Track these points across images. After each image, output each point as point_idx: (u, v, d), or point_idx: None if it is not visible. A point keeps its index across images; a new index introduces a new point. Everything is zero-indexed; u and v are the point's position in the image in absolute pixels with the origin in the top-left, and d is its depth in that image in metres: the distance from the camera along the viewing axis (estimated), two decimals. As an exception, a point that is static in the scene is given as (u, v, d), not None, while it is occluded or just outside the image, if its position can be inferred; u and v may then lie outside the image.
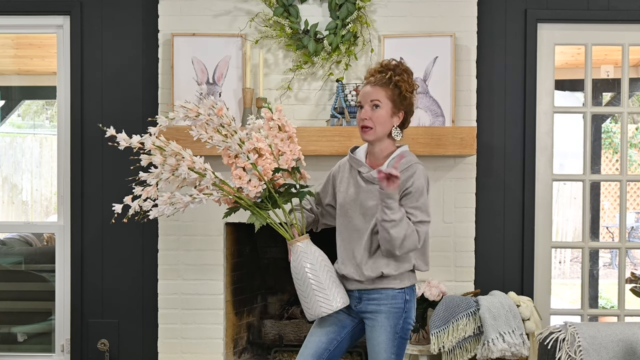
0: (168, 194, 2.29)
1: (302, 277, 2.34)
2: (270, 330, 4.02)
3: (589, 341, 2.63)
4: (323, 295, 2.33)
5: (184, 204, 2.30)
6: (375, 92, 2.40)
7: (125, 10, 3.87)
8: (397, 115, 2.43)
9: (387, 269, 2.38)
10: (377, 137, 2.43)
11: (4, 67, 4.96)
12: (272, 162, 2.35)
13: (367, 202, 2.41)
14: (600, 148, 5.48)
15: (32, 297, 4.34)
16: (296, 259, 2.36)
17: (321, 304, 2.33)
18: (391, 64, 2.44)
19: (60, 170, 3.96)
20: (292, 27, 3.63)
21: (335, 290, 2.35)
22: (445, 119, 3.61)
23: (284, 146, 2.38)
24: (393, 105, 2.41)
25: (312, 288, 2.33)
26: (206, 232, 3.70)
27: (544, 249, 3.89)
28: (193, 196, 2.29)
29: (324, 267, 2.36)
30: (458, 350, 3.40)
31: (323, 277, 2.33)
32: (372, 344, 2.43)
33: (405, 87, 2.40)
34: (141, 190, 2.29)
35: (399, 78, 2.40)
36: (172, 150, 2.28)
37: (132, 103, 3.86)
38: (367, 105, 2.41)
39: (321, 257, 2.37)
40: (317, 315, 2.36)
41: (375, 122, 2.40)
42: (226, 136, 2.32)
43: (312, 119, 3.69)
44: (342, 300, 2.36)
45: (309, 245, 2.38)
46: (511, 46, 3.83)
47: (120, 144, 2.30)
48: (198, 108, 2.29)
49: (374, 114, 2.40)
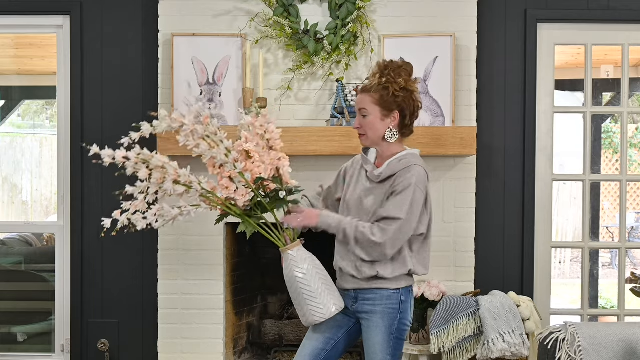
0: (157, 206, 2.27)
1: (293, 286, 2.34)
2: (270, 330, 4.02)
3: (589, 341, 2.63)
4: (315, 304, 2.32)
5: (172, 217, 2.28)
6: (362, 100, 2.43)
7: (125, 10, 3.87)
8: (389, 117, 2.42)
9: (383, 270, 2.37)
10: (372, 143, 2.46)
11: (4, 67, 4.96)
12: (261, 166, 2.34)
13: (366, 200, 2.41)
14: (600, 148, 5.48)
15: (32, 297, 4.35)
16: (287, 267, 2.35)
17: (313, 313, 2.33)
18: (382, 65, 2.44)
19: (60, 170, 3.96)
20: (292, 27, 3.63)
21: (328, 296, 2.33)
22: (445, 119, 3.61)
23: (263, 155, 2.36)
24: (381, 108, 2.40)
25: (304, 297, 2.32)
26: (206, 232, 3.70)
27: (544, 249, 3.89)
28: (181, 209, 2.27)
29: (316, 274, 2.34)
30: (458, 350, 3.40)
31: (315, 285, 2.32)
32: (368, 345, 2.43)
33: (392, 87, 2.38)
34: (129, 205, 2.25)
35: (385, 79, 2.39)
36: (156, 164, 2.22)
37: (132, 103, 3.86)
38: (359, 113, 2.45)
39: (313, 264, 2.35)
40: (311, 323, 2.37)
41: (366, 129, 2.43)
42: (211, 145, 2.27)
43: (312, 119, 3.69)
44: (336, 306, 2.35)
45: (300, 252, 2.36)
46: (511, 46, 3.83)
47: (104, 161, 2.23)
48: (183, 118, 2.23)
49: (364, 121, 2.43)
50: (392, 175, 2.39)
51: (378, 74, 2.41)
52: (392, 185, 2.37)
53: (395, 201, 2.33)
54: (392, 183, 2.38)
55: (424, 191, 2.38)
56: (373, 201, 2.40)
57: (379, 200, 2.40)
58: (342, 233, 2.36)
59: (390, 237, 2.31)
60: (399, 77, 2.40)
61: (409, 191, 2.33)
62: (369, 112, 2.41)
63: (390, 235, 2.30)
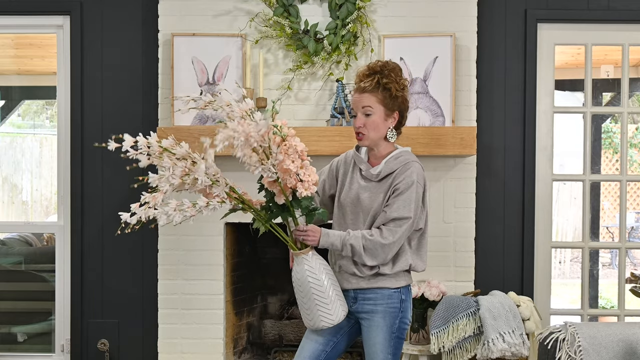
0: (175, 201, 2.19)
1: (305, 290, 2.32)
2: (270, 330, 4.02)
3: (589, 341, 2.63)
4: (326, 310, 2.31)
5: (194, 212, 2.18)
6: (366, 98, 2.41)
7: (125, 10, 3.87)
8: (391, 117, 2.43)
9: (383, 267, 2.39)
10: (372, 143, 2.44)
11: (4, 67, 4.96)
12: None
13: (363, 199, 2.42)
14: (600, 148, 5.48)
15: (32, 297, 4.35)
16: (300, 271, 2.33)
17: (322, 318, 2.32)
18: (377, 66, 2.43)
19: (60, 170, 3.96)
20: (292, 27, 3.63)
21: (338, 302, 2.33)
22: (445, 119, 3.61)
23: (303, 174, 2.25)
24: (385, 108, 2.41)
25: (316, 302, 2.31)
26: (206, 232, 3.70)
27: (544, 249, 3.89)
28: (208, 202, 2.17)
29: (329, 280, 2.33)
30: (458, 350, 3.40)
31: (327, 291, 2.31)
32: (369, 344, 2.43)
33: (394, 88, 2.40)
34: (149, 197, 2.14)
35: (387, 80, 2.40)
36: (184, 153, 2.12)
37: (132, 103, 3.86)
38: (360, 112, 2.42)
39: (326, 270, 2.35)
40: (317, 328, 2.36)
41: (369, 129, 2.41)
42: (262, 160, 2.18)
43: (312, 119, 3.69)
44: (344, 312, 2.36)
45: (314, 257, 2.34)
46: (511, 46, 3.83)
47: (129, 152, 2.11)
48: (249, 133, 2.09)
49: (367, 120, 2.41)
50: (391, 173, 2.40)
51: (377, 75, 2.41)
52: (393, 184, 2.38)
53: (401, 201, 2.35)
54: (392, 181, 2.39)
55: (423, 187, 2.42)
56: (370, 198, 2.41)
57: (376, 198, 2.41)
58: (348, 248, 2.35)
59: (399, 237, 2.35)
60: (398, 77, 2.42)
61: (412, 189, 2.36)
62: (374, 112, 2.41)
63: (400, 235, 2.35)
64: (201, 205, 2.18)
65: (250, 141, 2.10)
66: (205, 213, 2.22)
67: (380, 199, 2.40)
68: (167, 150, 2.13)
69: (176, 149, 2.15)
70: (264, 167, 2.18)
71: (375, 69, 2.43)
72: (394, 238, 2.34)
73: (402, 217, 2.34)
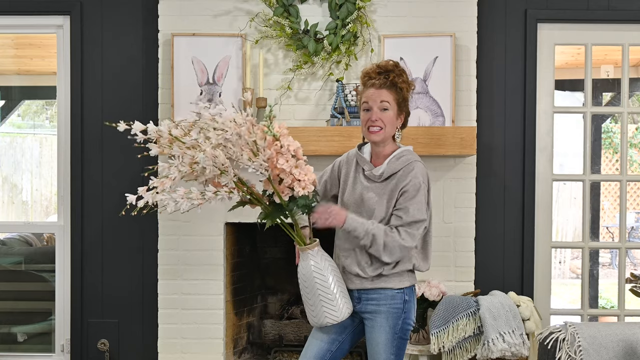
0: (183, 189, 2.19)
1: (310, 286, 2.33)
2: (270, 330, 4.02)
3: (589, 341, 2.63)
4: (331, 306, 2.32)
5: (202, 201, 2.18)
6: (384, 94, 2.41)
7: (125, 10, 3.87)
8: (400, 117, 2.47)
9: (387, 267, 2.39)
10: (385, 138, 2.45)
11: (4, 67, 4.96)
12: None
13: (367, 199, 2.42)
14: (600, 148, 5.48)
15: (32, 297, 4.34)
16: (306, 267, 2.33)
17: (327, 315, 2.33)
18: (390, 65, 2.45)
19: (60, 170, 3.96)
20: (292, 27, 3.62)
21: (342, 300, 2.34)
22: (445, 119, 3.61)
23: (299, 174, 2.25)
24: (398, 107, 2.44)
25: (320, 299, 2.32)
26: (206, 232, 3.70)
27: (544, 249, 3.89)
28: (216, 191, 2.18)
29: (334, 276, 2.34)
30: (458, 350, 3.40)
31: (333, 288, 2.32)
32: (372, 344, 2.43)
33: (406, 89, 2.44)
34: (158, 182, 2.16)
35: (401, 80, 2.42)
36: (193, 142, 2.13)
37: (132, 103, 3.86)
38: (376, 106, 2.42)
39: (331, 267, 2.36)
40: (322, 325, 2.37)
41: (386, 123, 2.42)
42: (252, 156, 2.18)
43: (312, 119, 3.69)
44: (348, 310, 2.37)
45: (319, 253, 2.35)
46: (511, 46, 3.83)
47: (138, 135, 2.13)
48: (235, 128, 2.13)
49: (384, 115, 2.42)
50: (394, 173, 2.41)
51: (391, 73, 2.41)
52: (399, 186, 2.39)
53: (415, 204, 2.37)
54: (396, 182, 2.39)
55: (427, 186, 2.44)
56: (373, 199, 2.41)
57: (380, 198, 2.41)
58: (370, 237, 2.34)
59: (417, 240, 2.39)
60: (407, 79, 2.47)
61: (422, 191, 2.39)
62: (391, 108, 2.42)
63: (417, 238, 2.39)
64: (209, 194, 2.18)
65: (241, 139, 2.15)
66: (213, 202, 2.22)
67: (384, 199, 2.41)
68: (177, 139, 2.15)
69: (185, 139, 2.17)
70: (254, 163, 2.18)
71: (388, 67, 2.44)
72: (413, 242, 2.37)
73: (418, 220, 2.37)
